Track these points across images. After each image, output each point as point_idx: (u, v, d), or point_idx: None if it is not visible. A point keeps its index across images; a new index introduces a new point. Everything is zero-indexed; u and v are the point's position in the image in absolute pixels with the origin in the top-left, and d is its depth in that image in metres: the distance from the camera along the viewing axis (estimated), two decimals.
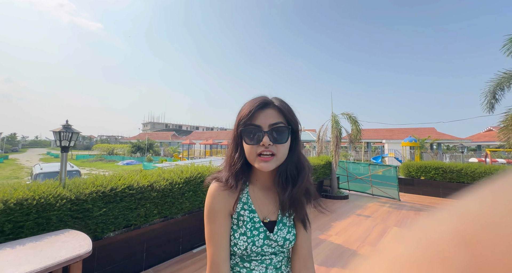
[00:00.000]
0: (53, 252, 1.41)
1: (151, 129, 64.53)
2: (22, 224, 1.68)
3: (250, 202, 0.68)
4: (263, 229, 0.66)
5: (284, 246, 0.67)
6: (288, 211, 0.68)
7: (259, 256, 0.67)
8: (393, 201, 5.87)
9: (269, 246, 0.66)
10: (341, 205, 5.37)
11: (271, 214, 0.69)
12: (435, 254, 0.09)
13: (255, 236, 0.65)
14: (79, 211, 1.97)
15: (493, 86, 5.64)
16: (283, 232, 0.67)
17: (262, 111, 0.64)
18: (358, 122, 6.23)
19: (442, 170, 6.43)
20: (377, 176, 6.47)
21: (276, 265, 0.68)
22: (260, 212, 0.68)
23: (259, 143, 0.62)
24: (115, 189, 2.21)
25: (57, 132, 2.07)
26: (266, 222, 0.68)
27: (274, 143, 0.62)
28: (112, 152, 32.20)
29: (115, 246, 2.25)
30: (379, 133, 23.04)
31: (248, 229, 0.66)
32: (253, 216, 0.67)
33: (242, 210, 0.67)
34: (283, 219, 0.69)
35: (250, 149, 0.63)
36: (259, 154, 0.62)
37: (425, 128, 21.98)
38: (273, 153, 0.62)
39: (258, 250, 0.65)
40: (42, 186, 1.92)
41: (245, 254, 0.66)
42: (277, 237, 0.67)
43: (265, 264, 0.67)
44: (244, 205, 0.68)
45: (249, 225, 0.66)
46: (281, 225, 0.68)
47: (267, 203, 0.69)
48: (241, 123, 0.64)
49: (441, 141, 19.23)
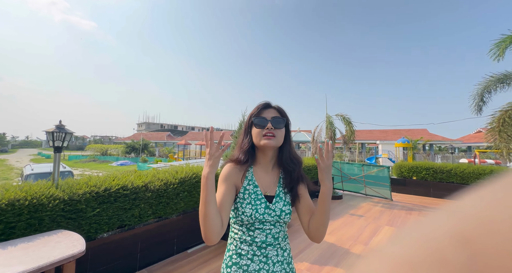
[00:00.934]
0: (46, 252, 1.41)
1: (146, 129, 63.77)
2: (13, 225, 1.67)
3: (254, 179, 0.90)
4: (264, 200, 0.86)
5: (281, 216, 0.85)
6: (289, 185, 0.90)
7: (261, 225, 0.84)
8: (385, 200, 5.99)
9: (269, 215, 0.84)
10: (334, 205, 5.45)
11: (270, 189, 0.90)
12: (432, 254, 0.09)
13: (258, 205, 0.84)
14: (72, 211, 1.96)
15: (481, 89, 5.83)
16: (279, 204, 0.87)
17: (266, 109, 0.93)
18: (352, 123, 6.34)
19: (433, 170, 6.59)
20: (370, 176, 6.58)
21: (274, 235, 0.85)
22: (262, 187, 0.89)
23: (264, 127, 0.89)
24: (109, 189, 2.21)
25: (50, 133, 2.06)
26: (267, 195, 0.88)
27: (275, 127, 0.89)
28: (106, 152, 31.66)
29: (109, 246, 2.24)
30: (373, 134, 23.39)
31: (252, 199, 0.86)
32: (256, 190, 0.88)
33: (247, 185, 0.88)
34: (280, 194, 0.90)
35: (258, 132, 0.89)
36: (264, 134, 0.88)
37: (418, 129, 22.44)
38: (274, 134, 0.88)
39: (260, 218, 0.83)
40: (35, 186, 1.91)
41: (250, 221, 0.83)
42: (275, 207, 0.86)
43: (265, 233, 0.84)
44: (249, 181, 0.89)
45: (253, 195, 0.86)
46: (278, 198, 0.88)
47: (267, 181, 0.91)
48: (253, 116, 0.92)
49: (433, 142, 19.66)
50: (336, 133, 6.32)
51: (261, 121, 0.89)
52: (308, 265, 2.61)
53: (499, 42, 5.19)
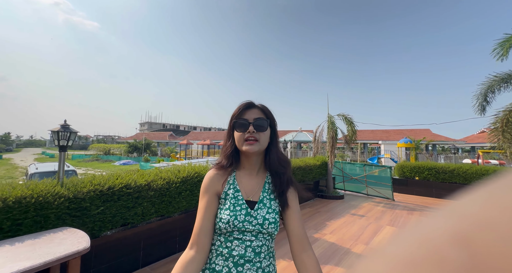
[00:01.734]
0: (52, 248, 1.45)
1: (148, 129, 64.12)
2: (20, 222, 1.71)
3: (236, 183, 0.83)
4: (245, 206, 0.78)
5: (263, 225, 0.75)
6: (279, 190, 0.81)
7: (240, 235, 0.74)
8: (387, 201, 5.97)
9: (250, 223, 0.75)
10: (336, 204, 5.45)
11: (254, 195, 0.81)
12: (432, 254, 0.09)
13: (237, 211, 0.76)
14: (77, 209, 2.00)
15: (484, 89, 5.79)
16: (263, 211, 0.78)
17: (248, 110, 0.85)
18: (354, 123, 6.33)
19: (435, 171, 6.56)
20: (372, 176, 6.57)
21: (255, 249, 0.74)
22: (244, 192, 0.81)
23: (245, 131, 0.81)
24: (113, 188, 2.24)
25: (55, 132, 2.10)
26: (249, 201, 0.80)
27: (257, 130, 0.81)
28: (109, 151, 31.93)
29: (112, 244, 2.28)
30: (376, 134, 23.29)
31: (231, 204, 0.78)
32: (237, 194, 0.80)
33: (228, 190, 0.81)
34: (264, 200, 0.80)
35: (239, 136, 0.81)
36: (245, 139, 0.80)
37: (421, 129, 22.29)
38: (256, 138, 0.80)
39: (239, 225, 0.74)
40: (40, 184, 1.95)
41: (228, 229, 0.74)
42: (257, 214, 0.77)
43: (244, 245, 0.74)
44: (231, 185, 0.82)
45: (232, 200, 0.78)
46: (261, 204, 0.79)
47: (251, 186, 0.83)
48: (233, 118, 0.84)
49: (436, 142, 19.53)
50: (338, 133, 6.32)
51: (242, 124, 0.81)
52: None
53: (503, 41, 5.15)
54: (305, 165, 5.52)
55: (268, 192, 0.82)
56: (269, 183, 0.84)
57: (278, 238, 3.34)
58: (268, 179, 0.85)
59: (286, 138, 14.04)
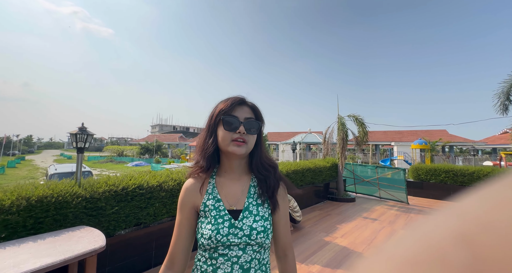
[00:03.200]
0: (70, 246, 1.52)
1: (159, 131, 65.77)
2: (42, 220, 1.80)
3: (216, 191, 0.73)
4: (228, 217, 0.68)
5: (251, 236, 0.67)
6: (268, 194, 0.73)
7: (226, 250, 0.66)
8: (401, 204, 5.76)
9: (235, 236, 0.66)
10: (347, 207, 5.33)
11: (237, 203, 0.72)
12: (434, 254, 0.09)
13: (219, 224, 0.67)
14: (93, 209, 2.08)
15: (507, 87, 5.49)
16: (249, 220, 0.69)
17: (240, 106, 0.76)
18: (365, 124, 6.17)
19: (453, 173, 6.26)
20: (385, 178, 6.36)
21: (243, 265, 0.66)
22: (227, 201, 0.72)
23: (235, 130, 0.71)
24: (126, 189, 2.32)
25: (73, 134, 2.21)
26: (232, 210, 0.71)
27: (247, 132, 0.72)
28: (122, 153, 33.01)
29: (126, 243, 2.35)
30: (388, 135, 22.58)
31: (212, 216, 0.69)
32: (218, 204, 0.71)
33: (208, 201, 0.72)
34: (249, 207, 0.71)
35: (226, 135, 0.71)
36: (234, 139, 0.71)
37: (436, 130, 21.38)
38: (245, 140, 0.72)
39: (223, 240, 0.66)
40: (60, 184, 2.04)
41: (212, 244, 0.66)
42: (242, 225, 0.68)
43: (230, 262, 0.65)
44: (210, 195, 0.73)
45: (213, 212, 0.69)
46: (247, 212, 0.70)
47: (233, 192, 0.74)
48: (221, 113, 0.73)
49: (453, 143, 18.64)
50: (348, 135, 6.18)
51: (232, 121, 0.72)
52: (320, 268, 2.58)
53: None
54: (315, 167, 5.44)
55: (254, 197, 0.73)
56: (255, 186, 0.75)
57: None
58: (253, 182, 0.76)
59: (295, 139, 13.92)
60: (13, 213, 1.68)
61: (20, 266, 1.25)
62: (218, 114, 0.74)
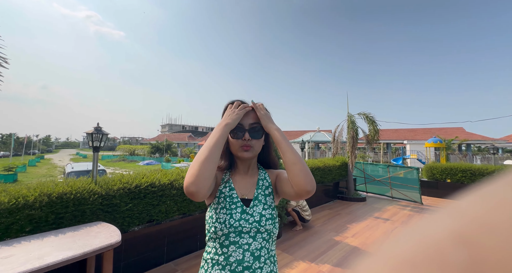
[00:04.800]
0: (88, 240, 1.59)
1: (169, 131, 67.10)
2: (62, 215, 1.89)
3: (231, 181, 0.83)
4: (240, 204, 0.77)
5: (261, 222, 0.74)
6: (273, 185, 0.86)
7: (237, 237, 0.71)
8: (414, 204, 5.59)
9: (246, 221, 0.73)
10: (358, 207, 5.23)
11: (248, 193, 0.82)
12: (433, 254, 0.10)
13: (233, 210, 0.75)
14: (108, 205, 2.17)
15: None
16: (258, 208, 0.77)
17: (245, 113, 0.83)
18: (376, 122, 6.02)
19: (471, 172, 5.99)
20: (397, 178, 6.19)
21: (254, 252, 0.70)
22: (239, 190, 0.81)
23: (241, 138, 0.80)
24: (139, 186, 2.39)
25: (89, 134, 2.30)
26: (244, 199, 0.79)
27: (252, 138, 0.81)
28: (133, 152, 33.99)
29: (139, 239, 2.43)
30: (400, 133, 21.90)
31: (227, 202, 0.77)
32: (231, 193, 0.80)
33: (224, 188, 0.81)
34: (258, 196, 0.80)
35: (235, 142, 0.81)
36: (241, 146, 0.80)
37: (452, 128, 20.48)
38: (250, 145, 0.80)
39: (236, 224, 0.72)
40: (78, 182, 2.14)
41: (225, 230, 0.71)
42: (253, 212, 0.76)
43: (242, 249, 0.70)
44: (226, 183, 0.82)
45: (228, 199, 0.78)
46: (257, 201, 0.79)
47: (244, 185, 0.83)
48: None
49: (470, 141, 17.79)
50: (358, 133, 6.05)
51: (238, 130, 0.80)
52: (330, 267, 2.55)
53: None
54: (324, 166, 5.38)
55: (262, 188, 0.83)
56: (262, 180, 0.85)
57: (297, 239, 3.30)
58: (260, 176, 0.86)
59: (304, 138, 13.80)
60: (36, 208, 1.78)
61: (44, 258, 1.32)
62: None
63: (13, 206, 1.70)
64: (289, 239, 3.32)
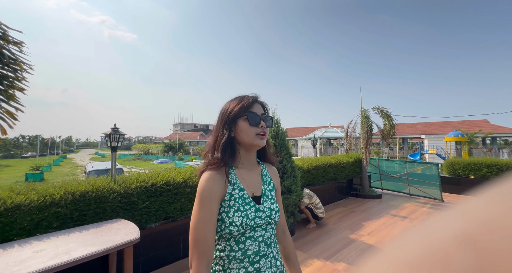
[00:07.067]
0: (110, 237, 1.66)
1: (180, 130, 68.64)
2: (85, 213, 2.00)
3: (238, 182, 0.79)
4: (253, 203, 0.78)
5: (271, 216, 0.79)
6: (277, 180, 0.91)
7: (252, 232, 0.75)
8: (434, 201, 5.34)
9: (260, 218, 0.77)
10: (373, 204, 5.08)
11: (256, 189, 0.82)
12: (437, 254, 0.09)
13: (247, 210, 0.75)
14: (127, 203, 2.26)
15: None
16: (268, 203, 0.81)
17: (256, 103, 0.84)
18: (392, 116, 5.78)
19: (497, 168, 5.60)
20: (415, 174, 5.92)
21: (267, 241, 0.78)
22: (248, 189, 0.80)
23: (258, 125, 0.80)
24: (155, 185, 2.46)
25: (107, 135, 2.39)
26: (254, 196, 0.80)
27: (267, 126, 0.83)
28: (148, 151, 35.18)
29: (156, 235, 2.51)
30: (417, 128, 20.92)
31: (240, 204, 0.75)
32: (242, 193, 0.78)
33: (233, 191, 0.77)
34: (266, 192, 0.83)
35: (251, 129, 0.79)
36: (258, 133, 0.80)
37: (475, 120, 19.24)
38: (265, 133, 0.81)
39: (251, 223, 0.74)
40: (98, 181, 2.25)
41: (241, 230, 0.72)
42: (264, 208, 0.79)
43: (257, 242, 0.75)
44: (234, 185, 0.78)
45: (240, 201, 0.76)
46: (265, 197, 0.82)
47: (252, 181, 0.83)
48: (242, 110, 0.79)
49: (496, 134, 16.63)
50: (373, 128, 5.84)
51: (255, 117, 0.79)
52: (346, 266, 2.51)
53: None
54: (337, 162, 5.26)
55: (267, 183, 0.86)
56: (265, 175, 0.87)
57: (311, 237, 3.27)
58: (263, 172, 0.88)
59: (316, 134, 13.56)
60: (62, 206, 1.89)
61: (71, 253, 1.40)
62: (239, 111, 0.79)
63: (41, 204, 1.81)
64: (303, 236, 3.30)
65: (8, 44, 1.85)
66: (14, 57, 1.88)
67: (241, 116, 0.79)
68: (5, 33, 1.83)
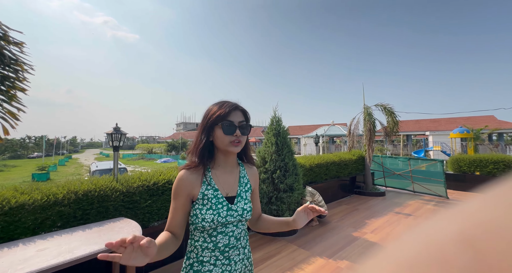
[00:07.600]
0: (113, 235, 1.67)
1: (183, 129, 68.98)
2: (88, 212, 2.01)
3: (213, 182, 0.86)
4: (226, 203, 0.84)
5: (243, 215, 0.86)
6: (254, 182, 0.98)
7: (223, 228, 0.83)
8: (439, 198, 5.27)
9: (231, 216, 0.84)
10: (376, 202, 5.04)
11: (231, 190, 0.89)
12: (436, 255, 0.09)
13: (219, 209, 0.82)
14: (129, 202, 2.27)
15: None
16: (241, 203, 0.87)
17: (234, 111, 0.87)
18: (395, 113, 5.71)
19: (504, 164, 5.50)
20: (419, 171, 5.86)
21: (237, 236, 0.86)
22: (223, 189, 0.87)
23: (232, 134, 0.84)
24: (157, 184, 2.47)
25: (109, 134, 2.40)
26: (228, 197, 0.87)
27: (242, 134, 0.86)
28: (151, 151, 35.42)
29: (159, 234, 2.50)
30: (421, 124, 20.66)
31: (213, 203, 0.83)
32: (216, 193, 0.85)
33: (206, 190, 0.84)
34: (241, 193, 0.89)
35: (226, 138, 0.84)
36: (231, 141, 0.84)
37: (481, 116, 18.93)
38: (240, 141, 0.86)
39: (223, 221, 0.82)
40: (101, 180, 2.26)
41: (213, 226, 0.81)
42: (237, 208, 0.86)
43: (228, 236, 0.83)
44: (208, 185, 0.85)
45: (213, 200, 0.83)
46: (239, 198, 0.88)
47: (228, 182, 0.89)
48: (219, 118, 0.84)
49: (503, 130, 16.34)
50: (376, 125, 5.78)
51: (230, 126, 0.84)
52: (349, 264, 2.49)
53: None
54: (340, 160, 5.22)
55: (243, 184, 0.91)
56: (243, 177, 0.93)
57: (314, 235, 3.26)
58: (241, 174, 0.93)
59: (318, 132, 13.49)
60: (65, 205, 1.90)
61: (74, 251, 1.41)
62: (216, 119, 0.84)
63: (45, 203, 1.83)
64: (305, 234, 3.29)
65: (9, 45, 1.86)
66: (15, 57, 1.89)
67: (217, 124, 0.84)
68: (5, 34, 1.84)
